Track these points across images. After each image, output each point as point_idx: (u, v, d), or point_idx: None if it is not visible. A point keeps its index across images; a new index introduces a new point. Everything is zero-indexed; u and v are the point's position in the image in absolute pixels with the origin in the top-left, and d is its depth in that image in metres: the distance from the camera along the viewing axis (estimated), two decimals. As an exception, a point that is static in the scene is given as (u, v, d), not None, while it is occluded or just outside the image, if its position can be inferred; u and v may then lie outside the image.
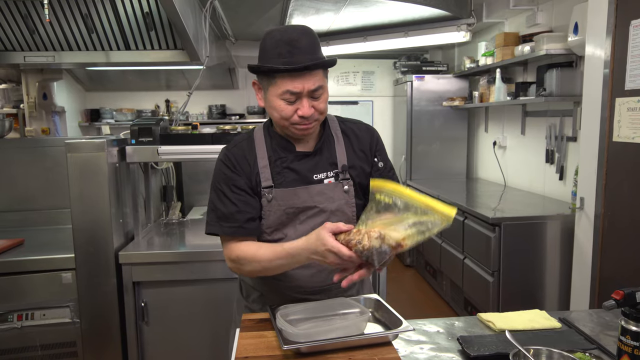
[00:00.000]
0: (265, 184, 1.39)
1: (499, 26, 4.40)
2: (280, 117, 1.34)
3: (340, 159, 1.45)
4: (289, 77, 1.28)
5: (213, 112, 5.74)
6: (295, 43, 1.28)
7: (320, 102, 1.34)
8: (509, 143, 4.42)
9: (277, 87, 1.30)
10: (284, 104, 1.31)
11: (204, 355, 2.30)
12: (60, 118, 4.92)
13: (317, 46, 1.33)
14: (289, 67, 1.26)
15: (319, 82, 1.31)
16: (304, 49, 1.28)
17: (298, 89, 1.29)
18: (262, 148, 1.43)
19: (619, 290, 1.02)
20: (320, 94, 1.34)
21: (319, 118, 1.37)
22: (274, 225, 1.41)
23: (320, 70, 1.33)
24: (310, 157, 1.43)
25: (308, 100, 1.31)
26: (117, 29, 2.80)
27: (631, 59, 2.32)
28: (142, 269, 2.21)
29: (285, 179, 1.40)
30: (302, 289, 1.46)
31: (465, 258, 3.59)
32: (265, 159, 1.41)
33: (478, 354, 1.20)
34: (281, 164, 1.41)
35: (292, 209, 1.40)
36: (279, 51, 1.28)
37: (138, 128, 2.36)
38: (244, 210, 1.38)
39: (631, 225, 2.38)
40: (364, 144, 1.50)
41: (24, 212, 2.83)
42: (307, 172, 1.42)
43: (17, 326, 2.20)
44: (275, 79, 1.30)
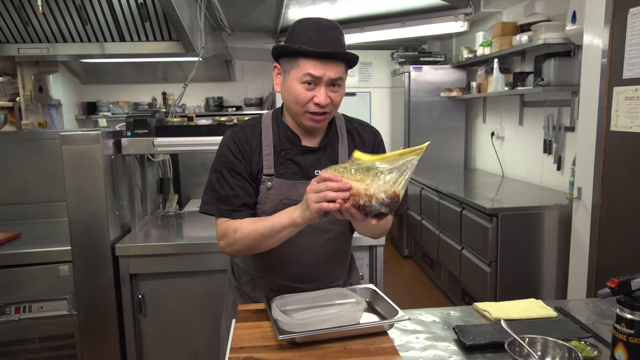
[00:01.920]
0: (267, 172, 1.41)
1: (496, 16, 4.37)
2: (296, 101, 1.35)
3: (342, 157, 1.47)
4: (313, 61, 1.31)
5: (210, 105, 5.73)
6: (324, 32, 1.32)
7: (337, 94, 1.36)
8: (506, 133, 4.41)
9: (299, 70, 1.32)
10: (303, 88, 1.33)
11: (202, 347, 2.30)
12: (56, 111, 4.89)
13: (343, 40, 1.36)
14: (316, 49, 1.29)
15: (340, 73, 1.34)
16: (332, 38, 1.32)
17: (319, 73, 1.31)
18: (269, 136, 1.44)
19: (614, 278, 1.02)
20: (339, 85, 1.36)
21: (332, 111, 1.39)
22: (269, 212, 1.42)
23: (344, 64, 1.36)
24: (314, 153, 1.45)
25: (326, 88, 1.33)
26: (112, 20, 2.78)
27: (629, 47, 2.31)
28: (139, 261, 2.20)
29: (287, 171, 1.42)
30: (291, 277, 1.48)
31: (463, 249, 3.59)
32: (270, 147, 1.43)
33: (474, 343, 1.20)
34: (285, 155, 1.43)
35: (289, 200, 1.40)
36: (308, 37, 1.31)
37: (133, 120, 2.34)
38: (241, 195, 1.40)
39: (628, 215, 2.38)
40: (366, 145, 1.52)
41: (20, 205, 2.82)
42: (309, 166, 1.43)
43: (15, 319, 2.20)
44: (299, 61, 1.32)
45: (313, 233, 1.44)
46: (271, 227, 1.30)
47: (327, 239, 1.47)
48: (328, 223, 1.45)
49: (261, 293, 1.51)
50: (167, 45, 2.97)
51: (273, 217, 1.30)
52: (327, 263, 1.50)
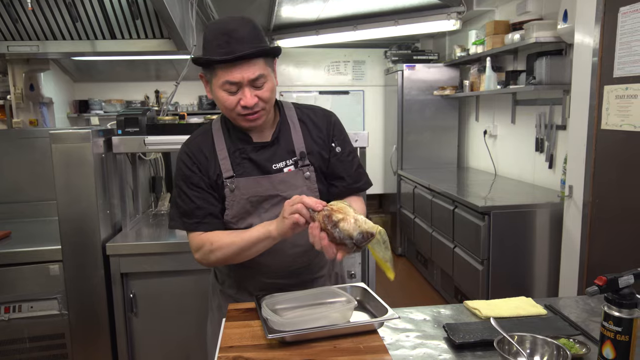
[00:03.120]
0: (227, 175, 1.41)
1: (489, 14, 4.38)
2: (224, 108, 1.35)
3: (297, 147, 1.45)
4: (227, 68, 1.29)
5: (203, 103, 5.71)
6: (232, 33, 1.28)
7: (264, 90, 1.34)
8: (499, 132, 4.43)
9: (217, 79, 1.31)
10: (226, 94, 1.32)
11: (193, 346, 2.29)
12: (48, 109, 4.86)
13: (256, 36, 1.32)
14: (224, 57, 1.27)
15: (259, 71, 1.31)
16: (242, 39, 1.28)
17: (237, 78, 1.29)
18: (221, 140, 1.44)
19: (602, 276, 1.03)
20: (263, 82, 1.33)
21: (265, 107, 1.37)
22: (239, 215, 1.43)
23: (262, 59, 1.32)
24: (267, 147, 1.44)
25: (250, 89, 1.31)
26: (102, 18, 2.76)
27: (619, 46, 2.32)
28: (130, 260, 2.19)
29: (245, 170, 1.42)
30: (273, 273, 1.48)
31: (456, 247, 3.60)
32: (224, 151, 1.42)
33: (463, 341, 1.21)
34: (240, 154, 1.43)
35: (256, 197, 1.41)
36: (217, 42, 1.29)
37: (124, 118, 2.33)
38: (202, 206, 1.40)
39: (619, 213, 2.40)
40: (321, 130, 1.50)
41: (10, 204, 2.79)
42: (265, 162, 1.43)
43: (5, 318, 2.19)
44: (216, 70, 1.31)
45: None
46: (248, 239, 1.32)
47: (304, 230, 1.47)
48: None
49: (246, 294, 1.51)
50: (158, 43, 2.95)
51: (250, 231, 1.33)
52: (304, 254, 1.49)
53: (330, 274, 1.63)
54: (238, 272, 1.52)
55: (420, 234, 4.43)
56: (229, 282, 1.57)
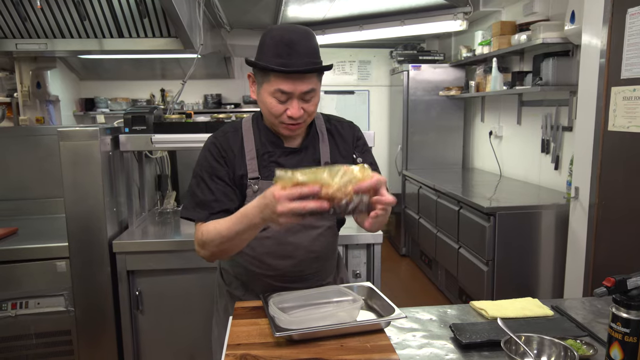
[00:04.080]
0: (252, 175, 1.42)
1: (495, 15, 4.37)
2: (269, 113, 1.37)
3: (323, 157, 1.48)
4: (283, 78, 1.30)
5: (209, 102, 5.71)
6: (294, 46, 1.30)
7: (311, 104, 1.37)
8: (504, 133, 4.42)
9: (270, 85, 1.33)
10: (275, 102, 1.34)
11: (199, 344, 2.30)
12: (54, 107, 4.88)
13: (315, 50, 1.36)
14: (284, 69, 1.29)
15: (311, 86, 1.34)
16: (302, 52, 1.31)
17: (290, 89, 1.31)
18: (250, 140, 1.45)
19: (610, 277, 1.03)
20: (312, 97, 1.36)
21: (307, 120, 1.40)
22: None
23: (315, 74, 1.35)
24: (296, 153, 1.46)
25: (298, 101, 1.34)
26: (110, 16, 2.77)
27: (627, 47, 2.31)
28: (136, 258, 2.20)
29: (271, 173, 1.42)
30: (282, 277, 1.49)
31: (460, 247, 3.59)
32: (253, 151, 1.44)
33: (470, 341, 1.21)
34: (268, 157, 1.44)
35: None
36: (277, 51, 1.30)
37: (131, 116, 2.34)
38: (221, 199, 1.39)
39: (625, 215, 2.39)
40: (347, 142, 1.54)
41: (18, 201, 2.81)
42: (292, 167, 1.41)
43: (12, 315, 2.20)
44: (269, 77, 1.32)
45: (303, 230, 1.44)
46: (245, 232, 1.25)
47: (317, 235, 1.48)
48: (317, 220, 1.46)
49: (252, 296, 1.51)
50: (165, 41, 2.96)
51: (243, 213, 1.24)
52: (317, 260, 1.51)
53: (335, 279, 1.63)
54: (246, 274, 1.53)
55: (425, 234, 4.42)
56: (235, 284, 1.58)
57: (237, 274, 1.56)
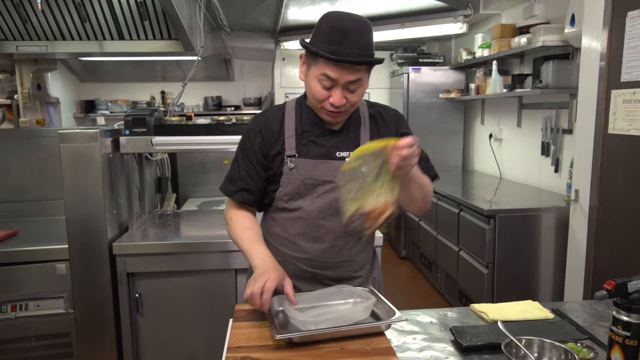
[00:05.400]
0: (289, 153, 1.44)
1: (495, 18, 4.38)
2: (313, 97, 1.39)
3: (363, 141, 1.48)
4: (331, 64, 1.31)
5: (209, 104, 5.72)
6: (347, 34, 1.30)
7: (355, 95, 1.37)
8: (504, 135, 4.42)
9: (317, 69, 1.34)
10: (320, 87, 1.35)
11: (199, 347, 2.30)
12: (54, 109, 4.89)
13: (369, 41, 1.35)
14: (332, 57, 1.29)
15: (358, 76, 1.34)
16: (354, 42, 1.30)
17: (336, 76, 1.32)
18: (292, 119, 1.48)
19: (611, 280, 1.02)
20: (357, 87, 1.36)
21: (349, 110, 1.41)
22: (291, 194, 1.45)
23: (364, 67, 1.35)
24: (336, 135, 1.47)
25: (342, 90, 1.34)
26: (111, 19, 2.78)
27: (627, 50, 2.31)
28: (136, 260, 2.20)
29: (309, 152, 1.45)
30: (312, 262, 1.48)
31: (460, 250, 3.59)
32: (292, 129, 1.46)
33: (470, 344, 1.21)
34: (307, 137, 1.46)
35: (311, 179, 1.43)
36: (330, 37, 1.30)
37: (132, 119, 2.34)
38: (244, 178, 1.48)
39: (625, 217, 2.39)
40: (389, 129, 1.54)
41: (18, 203, 2.81)
42: (331, 147, 1.46)
43: (11, 317, 2.20)
44: (318, 61, 1.33)
45: (335, 214, 1.43)
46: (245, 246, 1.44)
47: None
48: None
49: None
50: (166, 44, 2.97)
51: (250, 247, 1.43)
52: (348, 248, 1.49)
53: (368, 277, 1.61)
54: (279, 254, 1.50)
55: (425, 237, 4.42)
56: None
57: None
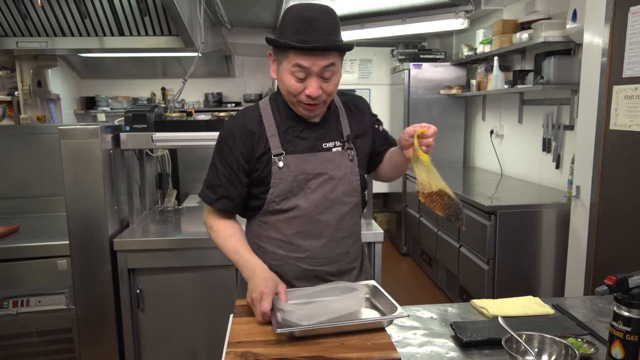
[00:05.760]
0: (276, 152, 1.41)
1: (497, 13, 4.36)
2: (288, 92, 1.37)
3: (345, 129, 1.50)
4: (301, 54, 1.30)
5: (209, 100, 5.71)
6: (312, 22, 1.29)
7: (330, 84, 1.36)
8: (506, 132, 4.41)
9: (288, 61, 1.32)
10: (294, 80, 1.33)
11: (200, 342, 2.30)
12: (55, 106, 4.88)
13: (335, 27, 1.34)
14: (301, 45, 1.28)
15: (331, 60, 1.33)
16: (321, 29, 1.30)
17: (308, 64, 1.30)
18: (270, 117, 1.45)
19: (612, 275, 1.02)
20: (331, 74, 1.35)
21: (326, 100, 1.40)
22: (283, 194, 1.43)
23: (336, 53, 1.34)
24: (319, 126, 1.47)
25: (317, 80, 1.33)
26: (111, 14, 2.77)
27: (629, 46, 2.30)
28: (137, 256, 2.21)
29: (296, 147, 1.43)
30: (312, 260, 1.47)
31: (461, 246, 3.59)
32: (273, 127, 1.43)
33: (470, 339, 1.21)
34: (292, 132, 1.44)
35: (303, 174, 1.42)
36: (296, 28, 1.30)
37: (132, 115, 2.34)
38: (225, 185, 1.44)
39: (627, 214, 2.39)
40: (364, 115, 1.58)
41: (19, 199, 2.81)
42: (316, 140, 1.46)
43: (13, 312, 2.20)
44: (288, 54, 1.32)
45: (331, 207, 1.44)
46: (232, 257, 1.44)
47: (345, 212, 1.48)
48: (345, 195, 1.47)
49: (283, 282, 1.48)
50: (166, 40, 2.96)
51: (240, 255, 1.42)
52: (345, 240, 1.50)
53: (361, 267, 1.62)
54: (276, 259, 1.48)
55: (426, 233, 4.42)
56: None
57: (264, 261, 1.48)
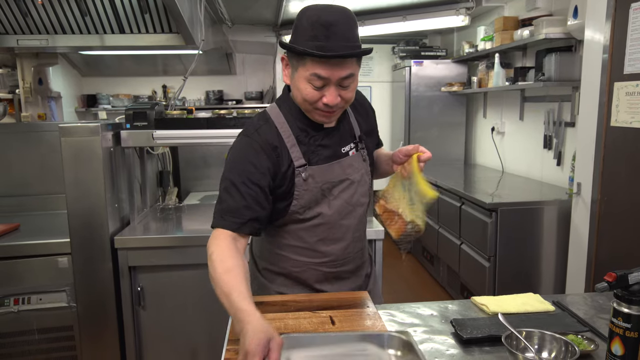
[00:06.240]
0: (299, 163, 1.35)
1: (498, 10, 4.35)
2: (303, 100, 1.30)
3: (356, 130, 1.48)
4: (320, 62, 1.23)
5: (210, 98, 5.71)
6: (332, 27, 1.22)
7: (349, 91, 1.30)
8: (507, 129, 4.40)
9: (306, 69, 1.25)
10: (311, 87, 1.27)
11: (200, 339, 2.31)
12: (56, 103, 4.87)
13: (355, 32, 1.28)
14: (322, 53, 1.21)
15: (350, 71, 1.27)
16: (341, 34, 1.23)
17: (327, 75, 1.24)
18: (286, 128, 1.37)
19: (612, 272, 1.02)
20: (350, 83, 1.29)
21: (344, 107, 1.35)
22: (307, 204, 1.38)
23: (354, 59, 1.28)
24: (336, 131, 1.44)
25: (336, 88, 1.27)
26: (111, 12, 2.77)
27: (630, 42, 2.30)
28: (138, 254, 2.21)
29: (319, 157, 1.39)
30: (333, 263, 1.45)
31: (462, 243, 3.59)
32: (292, 138, 1.36)
33: (471, 336, 1.21)
34: (314, 142, 1.39)
35: (328, 184, 1.39)
36: (314, 33, 1.22)
37: (133, 112, 2.33)
38: (252, 207, 1.28)
39: (627, 210, 2.38)
40: (368, 112, 1.56)
41: (19, 197, 2.82)
42: (336, 146, 1.43)
43: (14, 310, 2.21)
44: (306, 61, 1.25)
45: (353, 211, 1.44)
46: (222, 300, 1.19)
47: (361, 213, 1.48)
48: (362, 196, 1.46)
49: (302, 288, 1.47)
50: (167, 37, 2.95)
51: (226, 301, 1.16)
52: (360, 239, 1.50)
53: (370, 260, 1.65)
54: (296, 265, 1.45)
55: (427, 230, 4.39)
56: (281, 280, 1.49)
57: (283, 268, 1.47)
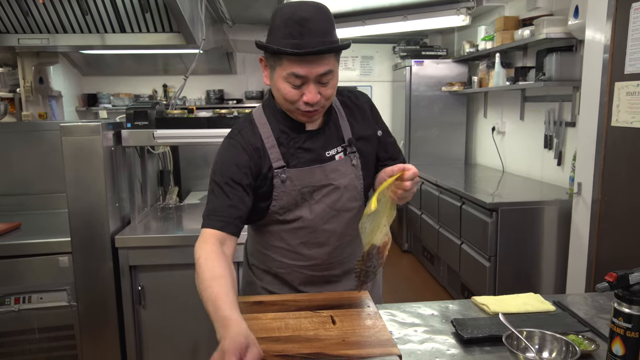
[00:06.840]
0: (277, 165, 1.34)
1: (499, 10, 4.35)
2: (284, 100, 1.29)
3: (345, 133, 1.42)
4: (296, 60, 1.21)
5: (211, 97, 5.71)
6: (306, 23, 1.19)
7: (328, 88, 1.28)
8: (507, 128, 4.40)
9: (283, 69, 1.24)
10: (289, 87, 1.25)
11: (201, 338, 2.31)
12: (57, 102, 4.88)
13: (330, 27, 1.25)
14: (296, 51, 1.19)
15: (328, 67, 1.24)
16: (316, 30, 1.20)
17: (305, 72, 1.22)
18: (267, 128, 1.36)
19: (613, 272, 1.02)
20: (329, 79, 1.26)
21: (325, 104, 1.31)
22: (287, 206, 1.37)
23: (332, 54, 1.25)
24: (320, 134, 1.39)
25: (315, 85, 1.25)
26: (112, 11, 2.76)
27: (631, 42, 2.30)
28: (138, 253, 2.21)
29: (299, 160, 1.36)
30: (318, 266, 1.44)
31: (463, 243, 3.59)
32: (271, 139, 1.35)
33: (471, 336, 1.21)
34: (294, 144, 1.36)
35: (307, 187, 1.36)
36: (288, 31, 1.20)
37: (133, 112, 2.34)
38: (237, 205, 1.29)
39: (628, 211, 2.38)
40: (365, 113, 1.48)
41: (20, 196, 2.82)
42: (320, 149, 1.39)
43: (15, 309, 2.21)
44: (282, 60, 1.23)
45: (337, 216, 1.40)
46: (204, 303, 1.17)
47: (350, 218, 1.43)
48: (350, 201, 1.41)
49: (288, 289, 1.47)
50: (167, 36, 2.95)
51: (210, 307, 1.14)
52: (350, 244, 1.47)
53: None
54: (281, 266, 1.45)
55: (427, 230, 4.42)
56: (268, 279, 1.50)
57: (269, 268, 1.48)
